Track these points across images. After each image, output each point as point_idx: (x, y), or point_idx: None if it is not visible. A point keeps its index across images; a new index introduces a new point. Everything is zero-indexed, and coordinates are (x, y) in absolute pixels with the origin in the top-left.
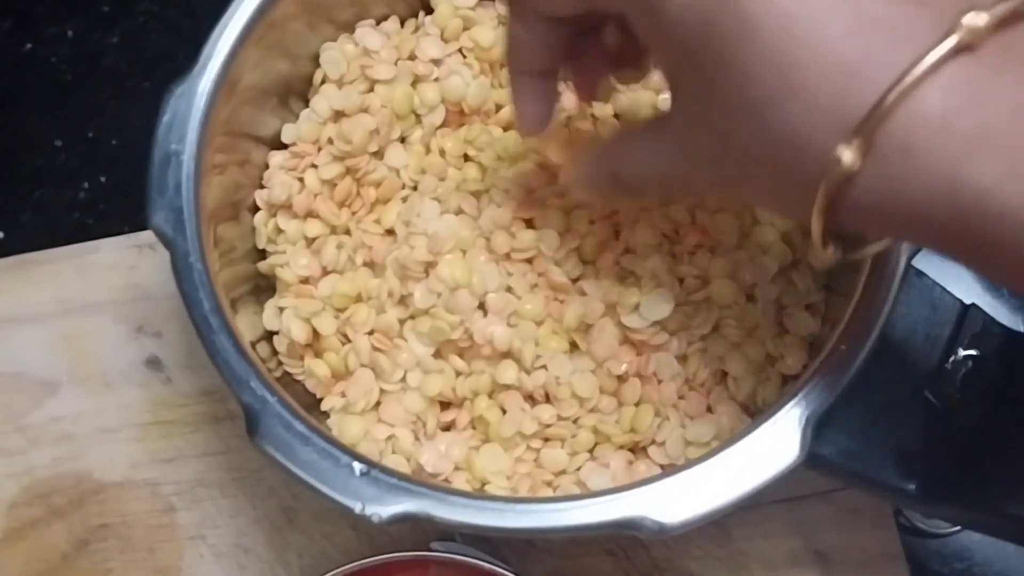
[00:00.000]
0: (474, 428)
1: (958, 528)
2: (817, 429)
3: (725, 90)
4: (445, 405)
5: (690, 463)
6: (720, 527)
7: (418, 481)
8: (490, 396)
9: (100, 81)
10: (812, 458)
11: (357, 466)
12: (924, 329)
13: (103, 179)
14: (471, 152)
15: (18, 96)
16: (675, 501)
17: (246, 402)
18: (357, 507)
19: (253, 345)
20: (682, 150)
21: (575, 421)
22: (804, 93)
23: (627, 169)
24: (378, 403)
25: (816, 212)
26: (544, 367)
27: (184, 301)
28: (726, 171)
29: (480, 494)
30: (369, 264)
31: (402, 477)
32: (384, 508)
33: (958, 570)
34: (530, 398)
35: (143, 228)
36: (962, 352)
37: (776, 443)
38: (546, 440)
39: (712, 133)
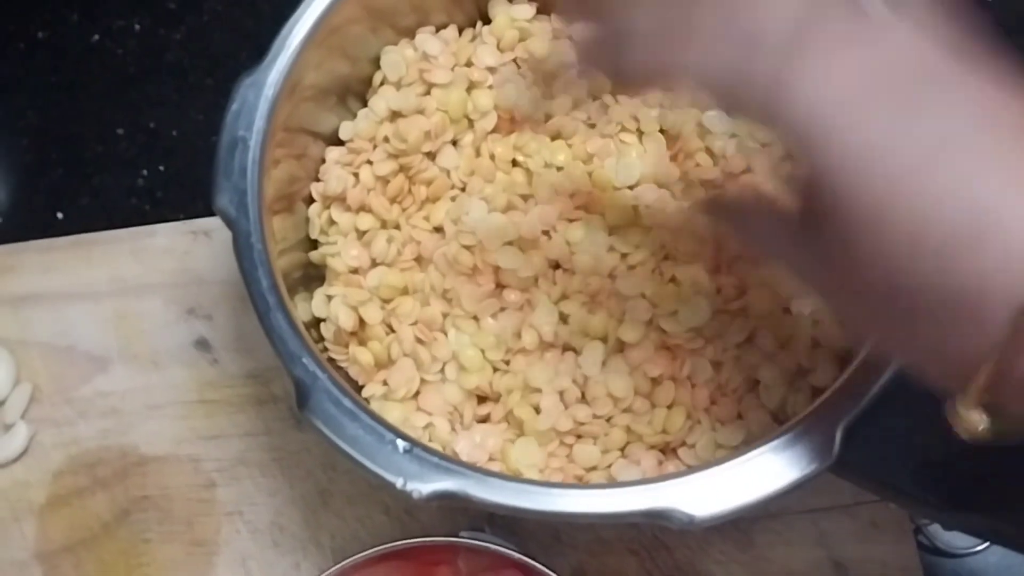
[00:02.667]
0: (508, 423)
1: (976, 548)
2: (846, 436)
3: (892, 229)
4: (482, 399)
5: (722, 460)
6: (743, 533)
7: (458, 461)
8: (523, 398)
9: (163, 75)
10: (839, 464)
11: (401, 443)
12: None
13: (161, 168)
14: (519, 158)
15: (84, 85)
16: (706, 495)
17: (298, 377)
18: (399, 482)
19: None
20: (827, 270)
21: (608, 420)
22: (994, 238)
23: (760, 237)
24: (417, 392)
25: (987, 371)
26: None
27: (244, 279)
28: (879, 319)
29: (516, 477)
30: (416, 259)
31: (443, 457)
32: (424, 485)
33: None
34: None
35: (198, 216)
36: None
37: (807, 446)
38: (579, 437)
39: (869, 274)
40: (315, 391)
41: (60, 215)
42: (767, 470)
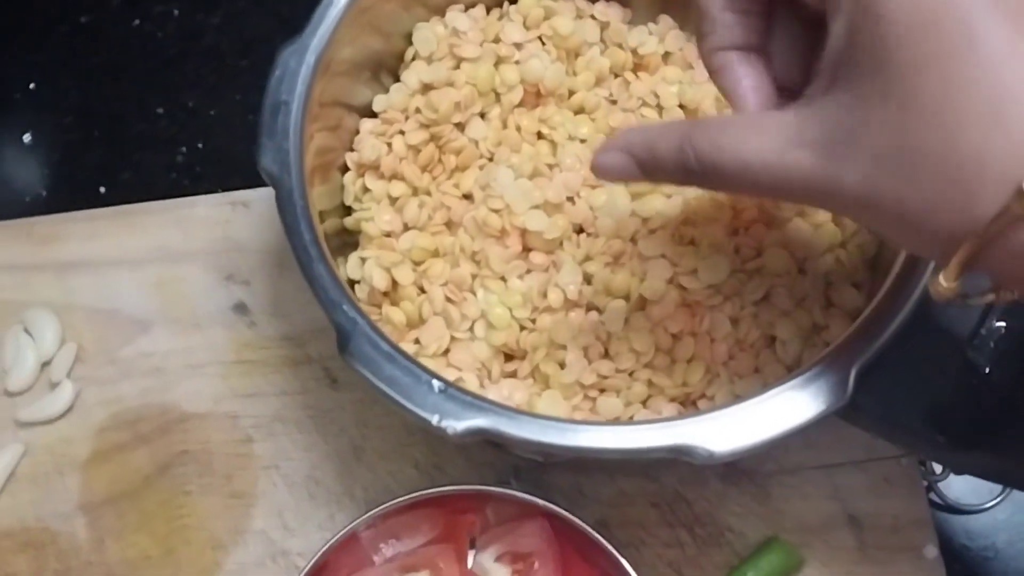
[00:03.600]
0: (534, 378)
1: (985, 505)
2: (859, 379)
3: (925, 94)
4: (508, 357)
5: (740, 400)
6: (760, 487)
7: (490, 401)
8: (548, 352)
9: (201, 57)
10: (853, 408)
11: (436, 383)
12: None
13: (200, 145)
14: (544, 130)
15: (125, 67)
16: (726, 432)
17: (339, 322)
18: (435, 419)
19: None
20: (828, 145)
21: (631, 374)
22: (1013, 120)
23: (729, 153)
24: (448, 349)
25: (970, 244)
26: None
27: (287, 232)
28: (881, 181)
29: (546, 415)
30: (446, 223)
31: (476, 396)
32: (459, 422)
33: (983, 546)
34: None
35: (236, 189)
36: (995, 323)
37: (822, 387)
38: (602, 391)
39: (886, 135)
40: (355, 336)
41: (103, 189)
42: (784, 409)
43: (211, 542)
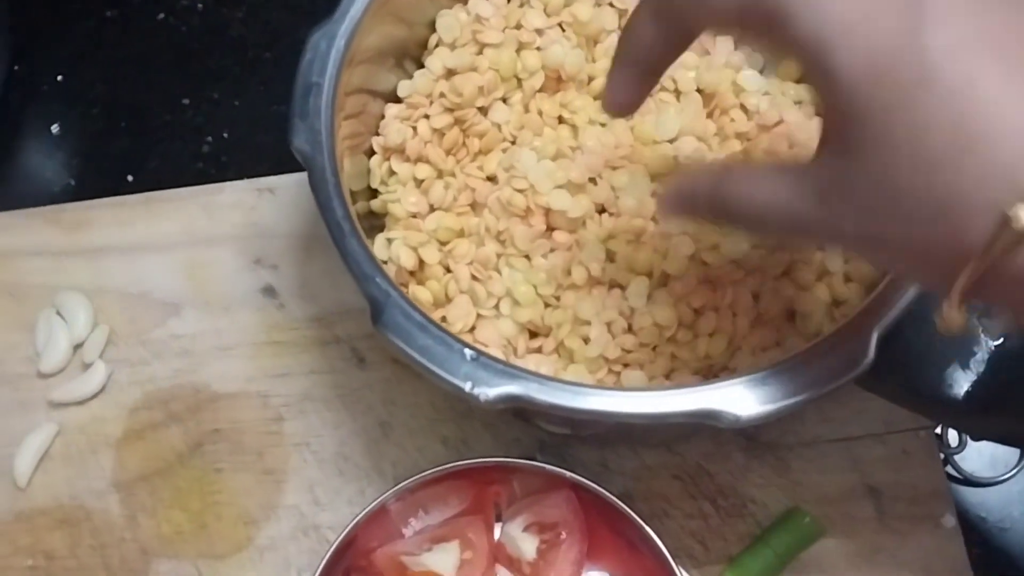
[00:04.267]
0: (559, 354)
1: (1002, 477)
2: (878, 346)
3: (892, 140)
4: (533, 334)
5: (765, 367)
6: (781, 459)
7: (521, 368)
8: (573, 330)
9: (225, 50)
10: (871, 374)
11: (468, 352)
12: None
13: (225, 135)
14: (565, 115)
15: (150, 60)
16: (752, 397)
17: (372, 295)
18: (467, 386)
19: None
20: (824, 197)
21: (654, 348)
22: (982, 149)
23: (746, 200)
24: (474, 327)
25: (968, 274)
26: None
27: (320, 209)
28: (874, 226)
29: (576, 382)
30: (471, 204)
31: (507, 364)
32: (490, 389)
33: (999, 518)
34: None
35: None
36: None
37: (844, 352)
38: (626, 365)
39: (869, 184)
40: (388, 307)
41: (130, 178)
42: (808, 374)
43: (243, 517)
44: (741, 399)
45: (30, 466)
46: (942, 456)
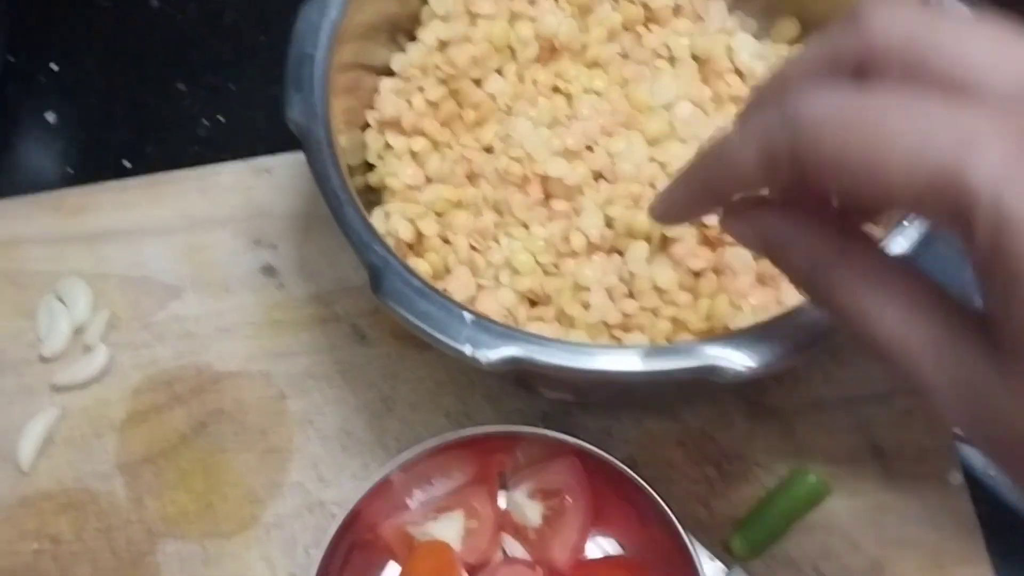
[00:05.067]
0: (560, 322)
1: None
2: None
3: None
4: (533, 303)
5: (763, 321)
6: (785, 424)
7: (522, 331)
8: (574, 295)
9: (221, 35)
10: None
11: (468, 316)
12: None
13: (221, 118)
14: (560, 84)
15: (145, 48)
16: (753, 350)
17: (371, 262)
18: (468, 349)
19: None
20: (982, 393)
21: (655, 312)
22: None
23: (872, 321)
24: (474, 298)
25: None
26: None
27: (316, 180)
28: None
29: (577, 342)
30: (468, 175)
31: (508, 327)
32: (492, 351)
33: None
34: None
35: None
36: None
37: None
38: (627, 330)
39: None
40: (387, 274)
41: (128, 164)
42: (810, 324)
43: (248, 496)
44: (742, 353)
45: (34, 450)
46: None
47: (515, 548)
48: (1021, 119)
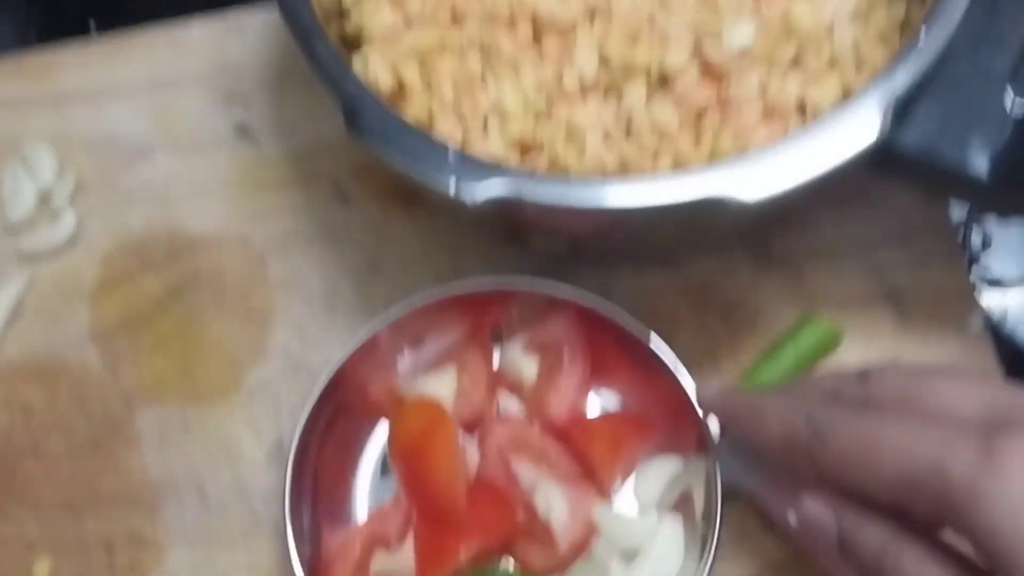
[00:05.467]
0: (553, 171)
1: None
2: (896, 119)
3: None
4: (525, 152)
5: (769, 145)
6: (794, 270)
7: (511, 167)
8: (568, 139)
9: None
10: (890, 152)
11: (452, 151)
12: (1007, 23)
13: None
14: None
15: None
16: (755, 178)
17: (346, 94)
18: (451, 187)
19: None
20: None
21: (655, 154)
22: None
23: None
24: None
25: None
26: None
27: (283, 14)
28: None
29: (571, 176)
30: (452, 16)
31: (495, 162)
32: (478, 188)
33: None
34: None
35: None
36: None
37: (855, 124)
38: (626, 173)
39: None
40: (363, 108)
41: (92, 24)
42: (817, 150)
43: (230, 361)
44: (747, 181)
45: (2, 321)
46: (967, 258)
47: (511, 405)
48: (980, 433)
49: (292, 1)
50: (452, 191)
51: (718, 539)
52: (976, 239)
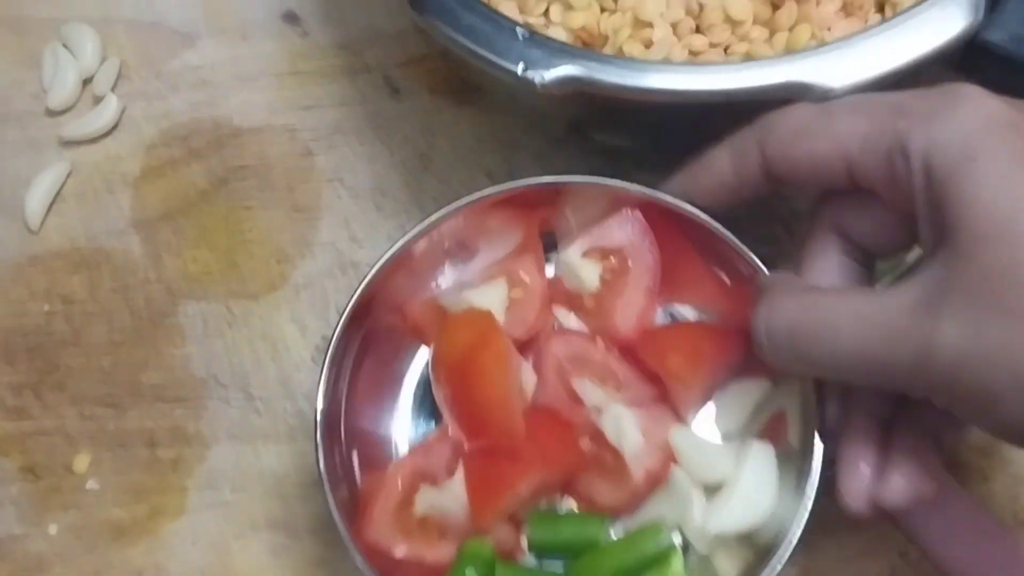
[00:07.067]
0: None
1: None
2: (986, 11)
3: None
4: (587, 45)
5: (855, 33)
6: None
7: (582, 49)
8: (634, 31)
9: None
10: (977, 44)
11: (520, 30)
12: None
13: None
14: None
15: None
16: (843, 65)
17: None
18: (519, 68)
19: None
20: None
21: (726, 49)
22: None
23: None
24: None
25: None
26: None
27: None
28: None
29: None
30: None
31: (566, 44)
32: (547, 71)
33: None
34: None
35: None
36: None
37: (947, 13)
38: None
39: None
40: None
41: None
42: (908, 37)
43: (276, 255)
44: (832, 67)
45: (42, 207)
46: None
47: (569, 321)
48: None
49: None
50: (520, 72)
51: (820, 470)
52: None
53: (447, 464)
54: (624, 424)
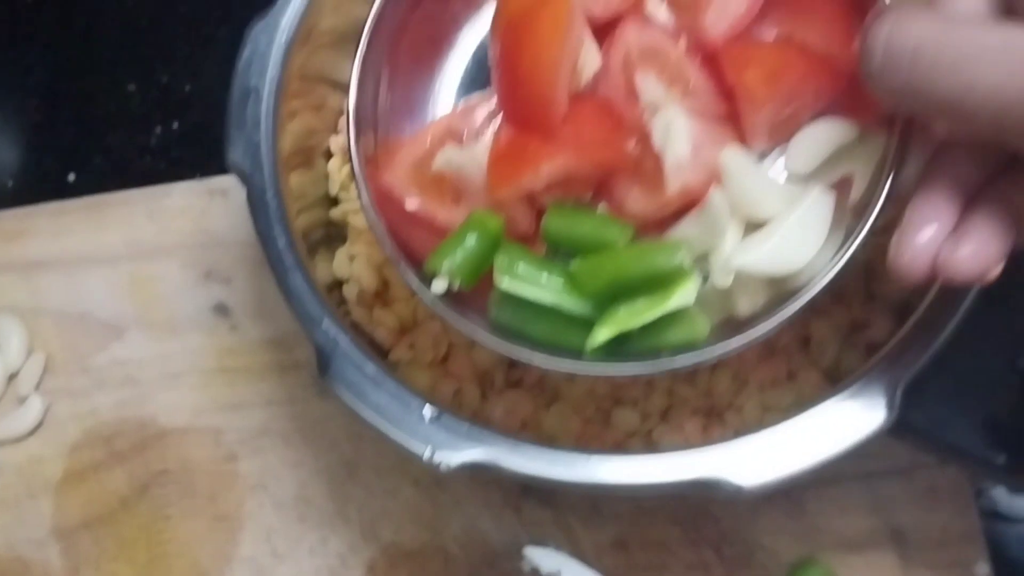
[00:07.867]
0: (542, 388)
1: None
2: (906, 396)
3: None
4: (512, 363)
5: (771, 423)
6: (795, 501)
7: (488, 429)
8: None
9: (175, 26)
10: (900, 426)
11: (428, 411)
12: (1019, 298)
13: (175, 125)
14: None
15: (93, 40)
16: (755, 462)
17: (318, 342)
18: (426, 453)
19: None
20: None
21: (648, 383)
22: None
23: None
24: (446, 356)
25: None
26: None
27: (259, 238)
28: None
29: (552, 446)
30: None
31: (472, 424)
32: (453, 455)
33: None
34: None
35: (214, 174)
36: None
37: (863, 407)
38: (617, 401)
39: None
40: (336, 356)
41: (72, 176)
42: (821, 433)
43: (195, 570)
44: (744, 464)
45: None
46: (975, 490)
47: (660, 13)
48: None
49: (267, 224)
50: (426, 457)
51: (865, 234)
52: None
53: (478, 127)
54: (675, 128)
